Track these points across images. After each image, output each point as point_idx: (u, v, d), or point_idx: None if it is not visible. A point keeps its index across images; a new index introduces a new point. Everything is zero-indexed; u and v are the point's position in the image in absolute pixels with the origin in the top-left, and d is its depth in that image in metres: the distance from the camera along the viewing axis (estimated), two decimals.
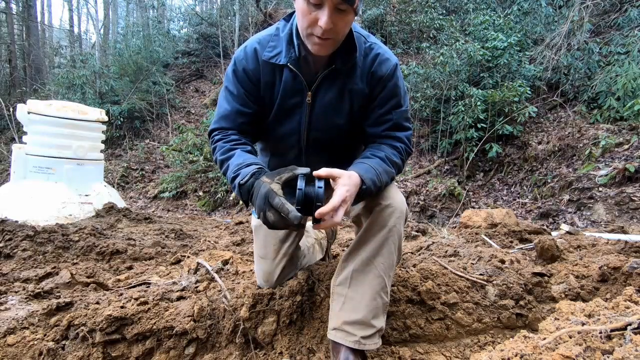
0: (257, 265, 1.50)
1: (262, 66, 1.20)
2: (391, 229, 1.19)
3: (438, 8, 8.92)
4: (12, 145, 3.96)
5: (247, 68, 1.20)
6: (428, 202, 5.99)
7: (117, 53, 11.25)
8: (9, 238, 2.46)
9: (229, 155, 1.17)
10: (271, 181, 0.99)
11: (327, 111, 1.22)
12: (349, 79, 1.20)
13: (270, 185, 0.97)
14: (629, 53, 6.34)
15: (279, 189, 0.97)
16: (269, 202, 0.95)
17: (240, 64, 1.22)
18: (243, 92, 1.22)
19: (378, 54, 1.21)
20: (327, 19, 0.99)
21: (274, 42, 1.20)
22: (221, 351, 1.36)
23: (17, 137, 6.52)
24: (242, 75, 1.21)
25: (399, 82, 1.23)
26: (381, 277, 1.20)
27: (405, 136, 1.25)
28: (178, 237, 3.21)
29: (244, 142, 1.22)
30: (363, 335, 1.19)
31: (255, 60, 1.20)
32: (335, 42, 1.09)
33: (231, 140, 1.21)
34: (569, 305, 1.30)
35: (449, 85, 6.98)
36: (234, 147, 1.19)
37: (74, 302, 1.46)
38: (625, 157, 4.96)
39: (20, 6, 14.20)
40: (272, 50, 1.19)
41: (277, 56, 1.18)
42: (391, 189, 1.24)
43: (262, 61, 1.20)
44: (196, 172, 7.92)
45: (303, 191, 0.96)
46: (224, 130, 1.24)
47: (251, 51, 1.21)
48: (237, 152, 1.17)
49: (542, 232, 2.82)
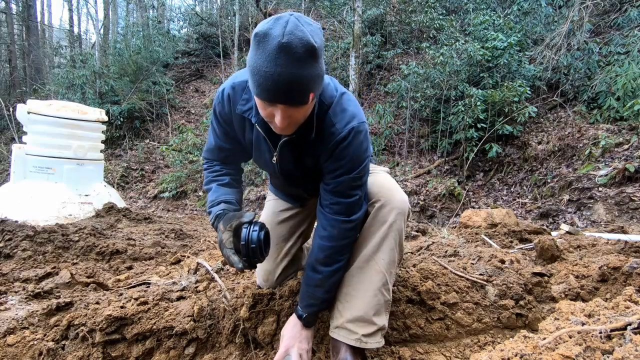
0: (258, 265, 1.50)
1: (233, 114, 1.22)
2: (391, 225, 1.19)
3: (438, 8, 8.92)
4: (12, 145, 3.96)
5: (222, 112, 1.25)
6: (428, 202, 5.99)
7: (117, 53, 11.24)
8: (9, 238, 2.46)
9: (208, 187, 1.32)
10: (224, 229, 1.11)
11: (293, 167, 1.25)
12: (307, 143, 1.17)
13: (223, 234, 1.10)
14: (629, 53, 6.34)
15: (228, 239, 1.10)
16: (221, 251, 1.11)
17: (218, 107, 1.25)
18: (222, 130, 1.30)
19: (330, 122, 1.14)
20: (281, 119, 0.97)
21: (247, 94, 1.18)
22: (221, 351, 1.36)
23: (17, 137, 6.52)
24: (219, 117, 1.27)
25: (347, 150, 1.14)
26: (382, 273, 1.20)
27: (347, 203, 1.18)
28: (178, 237, 3.21)
29: (224, 173, 1.34)
30: (364, 333, 1.19)
31: (228, 106, 1.22)
32: (296, 125, 1.06)
33: (213, 172, 1.35)
34: (569, 305, 1.30)
35: (449, 85, 6.98)
36: (214, 179, 1.33)
37: (74, 302, 1.46)
38: (625, 157, 4.96)
39: (20, 6, 14.21)
40: (245, 104, 1.18)
41: (248, 111, 1.17)
42: (391, 186, 1.25)
43: (234, 109, 1.20)
44: (196, 172, 7.92)
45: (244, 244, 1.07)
46: (210, 160, 1.38)
47: (226, 97, 1.21)
48: (214, 186, 1.30)
49: (542, 232, 2.82)
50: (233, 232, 1.10)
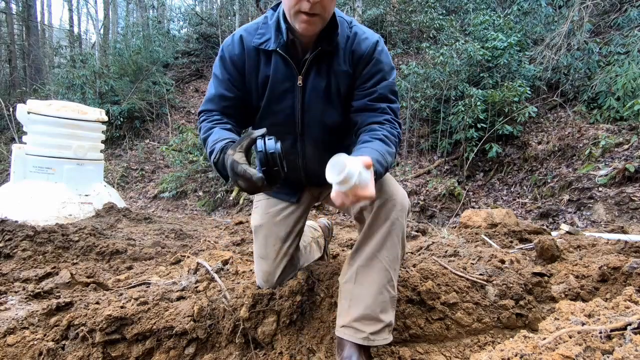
0: (257, 265, 1.49)
1: (247, 52, 1.25)
2: (394, 222, 1.20)
3: (438, 8, 8.92)
4: (12, 145, 3.96)
5: (232, 54, 1.25)
6: (428, 202, 5.99)
7: (117, 53, 11.23)
8: (9, 238, 2.46)
9: (208, 133, 1.22)
10: (234, 152, 1.02)
11: (318, 94, 1.24)
12: (333, 60, 1.22)
13: (233, 155, 1.00)
14: (629, 53, 6.34)
15: (242, 157, 1.00)
16: (235, 171, 0.98)
17: (227, 50, 1.27)
18: (227, 77, 1.27)
19: (356, 33, 1.24)
20: None
21: (262, 29, 1.24)
22: (221, 351, 1.36)
23: (17, 137, 6.52)
24: (228, 62, 1.27)
25: (381, 56, 1.24)
26: (386, 270, 1.21)
27: (389, 107, 1.24)
28: (178, 237, 3.21)
29: (225, 122, 1.26)
30: (372, 331, 1.19)
31: (240, 47, 1.25)
32: (322, 19, 1.12)
33: (213, 121, 1.26)
34: (569, 305, 1.30)
35: (449, 85, 6.98)
36: (214, 125, 1.24)
37: (74, 302, 1.46)
38: (625, 157, 4.96)
39: (20, 6, 14.20)
40: (261, 37, 1.23)
41: (266, 42, 1.22)
42: (391, 184, 1.25)
43: (248, 48, 1.24)
44: (196, 172, 7.92)
45: (262, 152, 0.98)
46: (209, 112, 1.30)
47: (237, 38, 1.26)
48: (215, 129, 1.21)
49: (542, 232, 2.82)
50: (244, 152, 1.01)
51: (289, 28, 1.19)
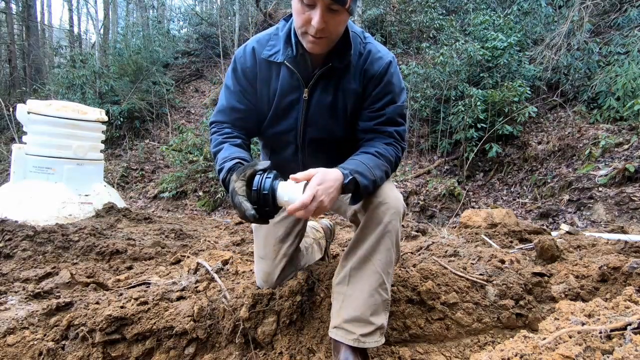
0: (257, 265, 1.49)
1: (259, 64, 1.26)
2: (387, 225, 1.19)
3: (438, 8, 8.92)
4: (12, 145, 3.96)
5: (244, 66, 1.26)
6: (428, 202, 5.99)
7: (117, 53, 11.22)
8: (9, 238, 2.46)
9: (219, 148, 1.24)
10: (237, 179, 1.05)
11: (322, 110, 1.24)
12: (343, 78, 1.22)
13: (235, 183, 1.04)
14: (629, 53, 6.34)
15: (241, 187, 1.03)
16: (232, 200, 1.03)
17: (239, 62, 1.28)
18: (239, 89, 1.28)
19: (370, 51, 1.23)
20: (319, 18, 1.03)
21: (273, 40, 1.25)
22: (221, 351, 1.36)
23: (17, 137, 6.52)
24: (240, 74, 1.28)
25: (393, 78, 1.24)
26: (378, 273, 1.20)
27: (396, 131, 1.25)
28: (178, 237, 3.21)
29: (235, 136, 1.28)
30: (362, 333, 1.19)
31: (252, 59, 1.26)
32: (329, 40, 1.12)
33: (224, 134, 1.28)
34: (569, 305, 1.30)
35: (449, 85, 6.98)
36: (225, 140, 1.25)
37: (74, 302, 1.46)
38: (625, 157, 4.96)
39: (20, 6, 14.20)
40: (271, 49, 1.24)
41: (275, 54, 1.23)
42: (386, 187, 1.24)
43: (260, 59, 1.25)
44: (196, 172, 7.91)
45: (256, 191, 1.03)
46: (220, 123, 1.31)
47: (249, 50, 1.27)
48: (226, 145, 1.23)
49: (542, 232, 2.82)
50: (246, 181, 1.05)
51: (299, 42, 1.19)
